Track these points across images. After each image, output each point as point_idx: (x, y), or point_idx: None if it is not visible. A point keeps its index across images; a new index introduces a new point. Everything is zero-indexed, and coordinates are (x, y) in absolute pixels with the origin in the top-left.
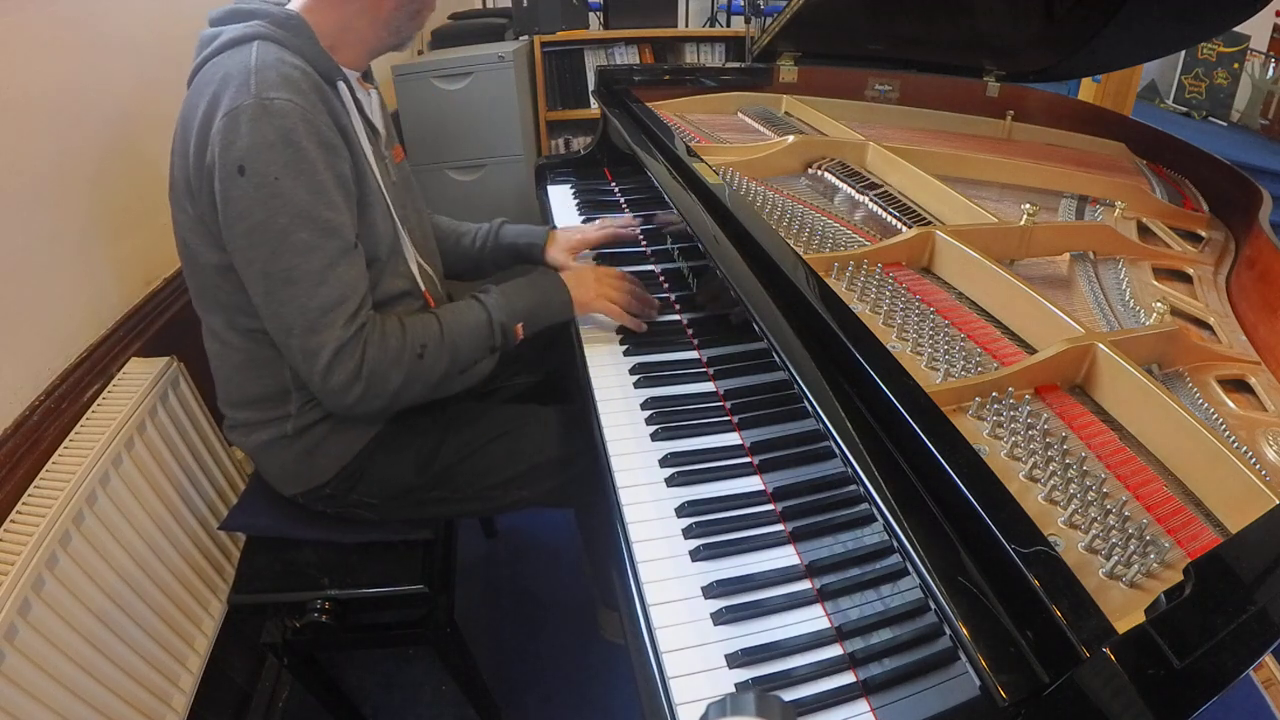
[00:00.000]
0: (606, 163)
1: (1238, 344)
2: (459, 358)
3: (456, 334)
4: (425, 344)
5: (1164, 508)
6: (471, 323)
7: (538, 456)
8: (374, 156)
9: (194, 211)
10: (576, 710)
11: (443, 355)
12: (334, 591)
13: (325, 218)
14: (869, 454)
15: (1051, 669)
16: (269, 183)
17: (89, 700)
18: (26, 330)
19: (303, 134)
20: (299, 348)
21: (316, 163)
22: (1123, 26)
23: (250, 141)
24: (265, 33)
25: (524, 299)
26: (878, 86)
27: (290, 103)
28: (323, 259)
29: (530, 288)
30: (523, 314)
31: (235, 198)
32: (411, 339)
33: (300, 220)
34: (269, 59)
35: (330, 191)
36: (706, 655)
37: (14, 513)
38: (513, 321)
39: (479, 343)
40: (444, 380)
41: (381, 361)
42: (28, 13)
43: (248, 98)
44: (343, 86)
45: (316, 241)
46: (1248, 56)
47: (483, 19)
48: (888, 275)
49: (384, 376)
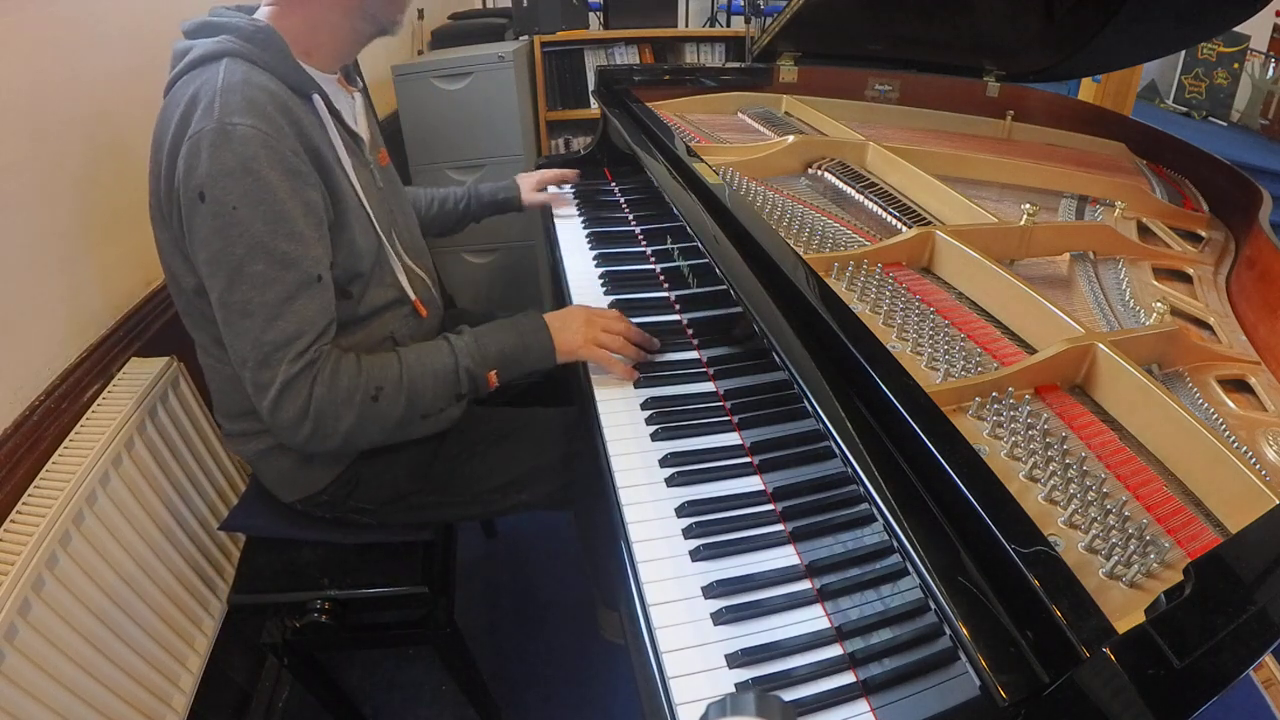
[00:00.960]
0: (606, 163)
1: (1238, 344)
2: (419, 403)
3: (418, 378)
4: (381, 386)
5: (1164, 508)
6: (436, 368)
7: (536, 460)
8: (354, 168)
9: (169, 232)
10: (576, 710)
11: (399, 399)
12: (334, 592)
13: (283, 250)
14: (869, 454)
15: (1051, 669)
16: (227, 211)
17: (89, 700)
18: (26, 330)
19: (264, 161)
20: (250, 380)
21: (278, 191)
22: (1123, 26)
23: (209, 169)
24: (234, 49)
25: (498, 344)
26: (878, 86)
27: (253, 129)
28: (279, 292)
29: (508, 330)
30: (496, 360)
31: (196, 225)
32: (366, 380)
33: (257, 252)
34: (235, 80)
35: (293, 221)
36: (706, 655)
37: (14, 513)
38: (483, 369)
39: (444, 389)
40: (402, 425)
41: (331, 400)
42: (27, 12)
43: (210, 122)
44: (317, 100)
45: (273, 274)
46: (1248, 56)
47: (483, 19)
48: (888, 275)
49: (333, 416)
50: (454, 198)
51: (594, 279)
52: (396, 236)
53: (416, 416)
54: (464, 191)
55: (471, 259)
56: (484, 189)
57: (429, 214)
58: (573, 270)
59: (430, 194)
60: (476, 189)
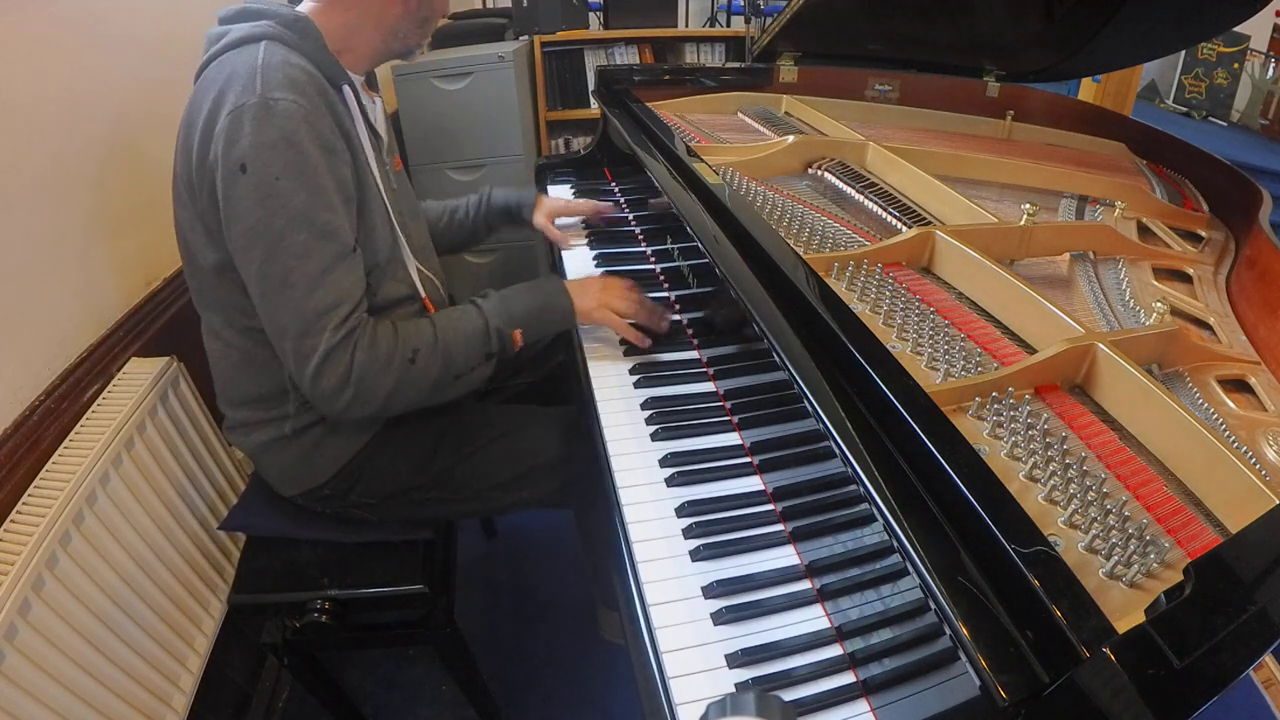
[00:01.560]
0: (606, 163)
1: (1238, 344)
2: (453, 364)
3: (451, 340)
4: (418, 349)
5: (1164, 508)
6: (467, 329)
7: (537, 457)
8: (376, 162)
9: (194, 209)
10: (576, 710)
11: (435, 361)
12: (334, 591)
13: (324, 220)
14: (869, 454)
15: (1051, 669)
16: (269, 183)
17: (89, 700)
18: (26, 330)
19: (305, 136)
20: (292, 350)
21: (318, 165)
22: (1123, 26)
23: (253, 141)
24: (273, 33)
25: (523, 305)
26: (878, 86)
27: (294, 104)
28: (319, 262)
29: (530, 292)
30: (521, 320)
31: (236, 197)
32: (403, 344)
33: (298, 222)
34: (275, 60)
35: (330, 194)
36: (706, 655)
37: (14, 513)
38: (510, 327)
39: (475, 349)
40: (438, 387)
41: (371, 367)
42: (27, 12)
43: (252, 97)
44: (348, 91)
45: (314, 245)
46: (1248, 56)
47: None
48: (888, 275)
49: (374, 382)
50: (466, 207)
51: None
52: (408, 238)
53: (450, 377)
54: (476, 199)
55: (471, 259)
56: (498, 197)
57: (439, 226)
58: (573, 270)
59: (443, 206)
60: (490, 199)
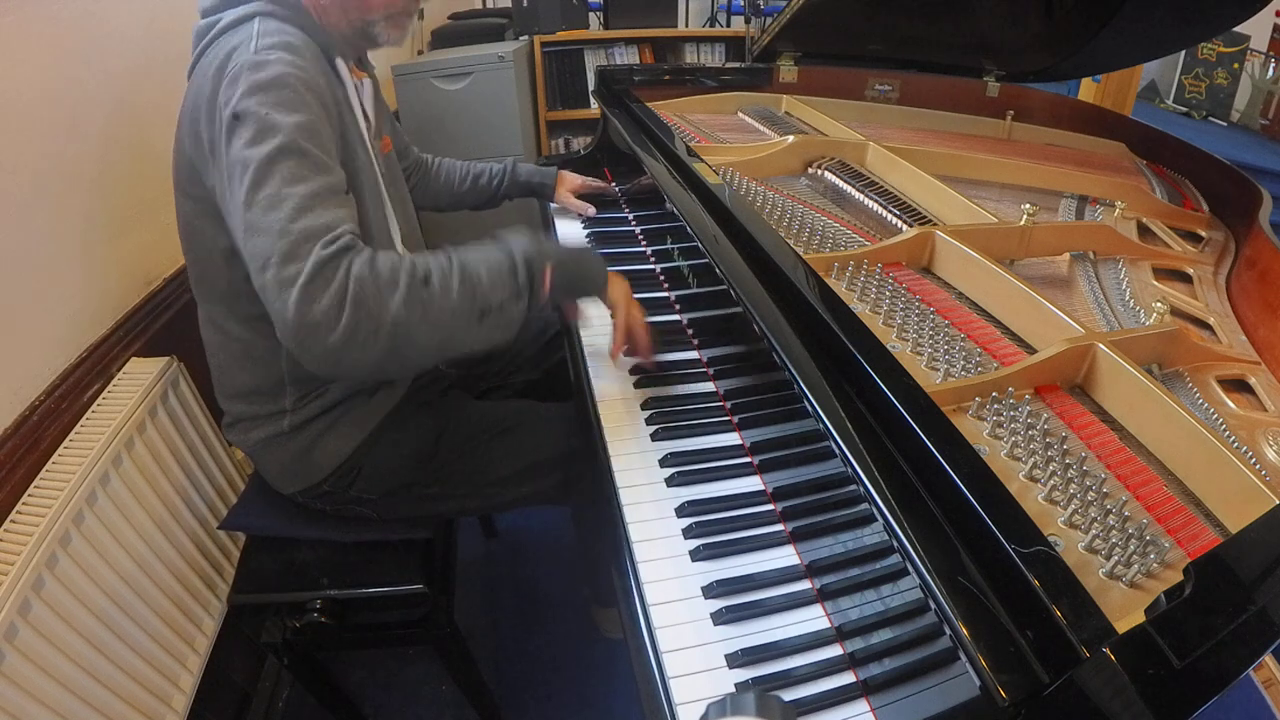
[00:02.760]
0: (606, 163)
1: (1238, 344)
2: (478, 289)
3: (470, 263)
4: (429, 268)
5: (1164, 508)
6: (490, 255)
7: (538, 454)
8: (369, 138)
9: (200, 191)
10: (576, 710)
11: (452, 282)
12: (334, 591)
13: (317, 154)
14: (869, 454)
15: (1051, 669)
16: (260, 117)
17: (89, 700)
18: (26, 330)
19: (297, 81)
20: (274, 279)
21: (310, 105)
22: (1123, 26)
23: (245, 88)
24: (265, 10)
25: (556, 247)
26: (878, 86)
27: (291, 60)
28: (311, 188)
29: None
30: (554, 256)
31: (231, 146)
32: (411, 264)
33: (290, 151)
34: (270, 28)
35: (322, 135)
36: (706, 655)
37: (14, 513)
38: (541, 260)
39: (501, 279)
40: (462, 319)
41: (373, 282)
42: (27, 12)
43: (247, 56)
44: (340, 65)
45: (305, 173)
46: (1248, 56)
47: (483, 19)
48: (888, 275)
49: (376, 297)
50: (490, 174)
51: None
52: (396, 220)
53: (476, 310)
54: (500, 169)
55: None
56: (522, 170)
57: (462, 187)
58: None
59: (466, 167)
60: (514, 170)
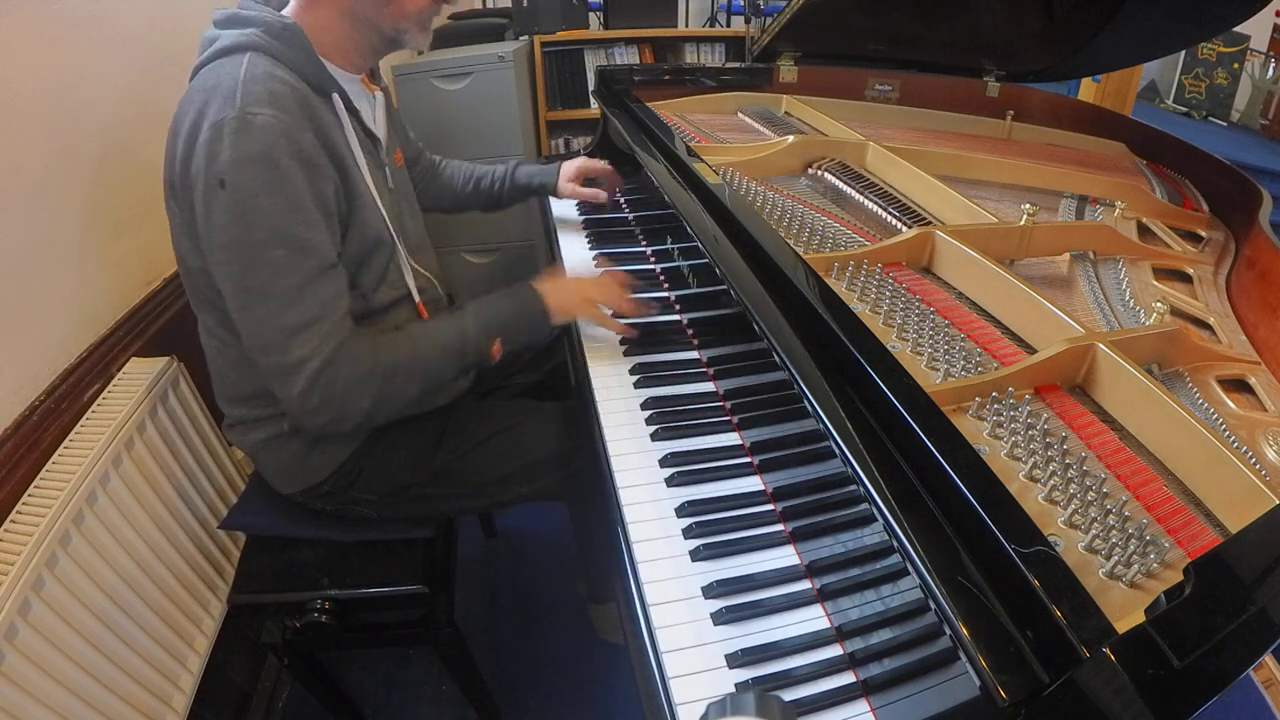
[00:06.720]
0: (606, 162)
1: (1238, 344)
2: (430, 378)
3: (427, 354)
4: (395, 365)
5: (1164, 508)
6: (444, 342)
7: (537, 451)
8: (370, 168)
9: (180, 215)
10: (576, 710)
11: (414, 376)
12: (334, 591)
13: (303, 236)
14: (869, 454)
15: (1051, 669)
16: (247, 199)
17: (89, 700)
18: (26, 330)
19: (284, 151)
20: (273, 365)
21: (296, 180)
22: (1123, 26)
23: (232, 156)
24: (260, 43)
25: (498, 313)
26: (878, 86)
27: (274, 119)
28: (298, 277)
29: (506, 299)
30: (498, 329)
31: (215, 212)
32: (381, 361)
33: (277, 238)
34: (258, 72)
35: (309, 210)
36: (706, 655)
37: (14, 513)
38: (488, 337)
39: (451, 361)
40: (415, 401)
41: (353, 386)
42: (26, 12)
43: (232, 110)
44: (336, 100)
45: (292, 260)
46: (1248, 56)
47: (483, 19)
48: (888, 275)
49: (354, 400)
50: (491, 178)
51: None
52: (404, 238)
53: (428, 390)
54: (503, 172)
55: (471, 259)
56: (522, 174)
57: (465, 190)
58: (572, 264)
59: (470, 170)
60: (514, 174)
